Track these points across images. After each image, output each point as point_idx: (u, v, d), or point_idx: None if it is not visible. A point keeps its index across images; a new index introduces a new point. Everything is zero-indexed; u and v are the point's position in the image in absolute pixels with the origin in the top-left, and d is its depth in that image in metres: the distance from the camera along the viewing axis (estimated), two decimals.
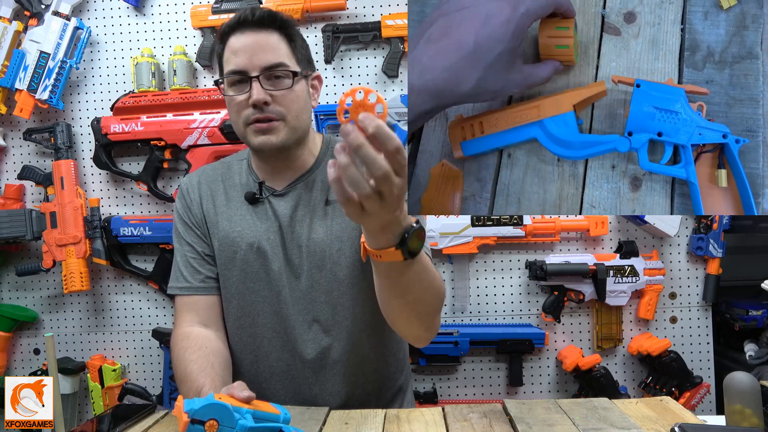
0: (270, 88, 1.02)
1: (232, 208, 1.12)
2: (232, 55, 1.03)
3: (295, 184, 1.11)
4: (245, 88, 1.02)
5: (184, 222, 1.15)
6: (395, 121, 1.64)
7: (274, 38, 1.03)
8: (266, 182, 1.12)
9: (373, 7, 1.67)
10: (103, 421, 0.99)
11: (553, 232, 1.62)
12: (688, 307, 1.67)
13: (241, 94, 1.03)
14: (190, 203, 1.15)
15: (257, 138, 1.04)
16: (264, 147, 1.04)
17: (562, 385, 1.70)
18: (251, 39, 1.02)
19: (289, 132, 1.05)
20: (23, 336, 1.77)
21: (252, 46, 1.02)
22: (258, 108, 1.02)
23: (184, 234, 1.15)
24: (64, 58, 1.62)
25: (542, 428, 0.86)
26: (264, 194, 1.11)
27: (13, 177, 1.71)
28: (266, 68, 1.02)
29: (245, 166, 1.16)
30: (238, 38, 1.03)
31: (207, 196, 1.15)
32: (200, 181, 1.17)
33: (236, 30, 1.03)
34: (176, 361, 1.05)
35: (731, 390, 0.78)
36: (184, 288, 1.12)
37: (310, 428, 0.90)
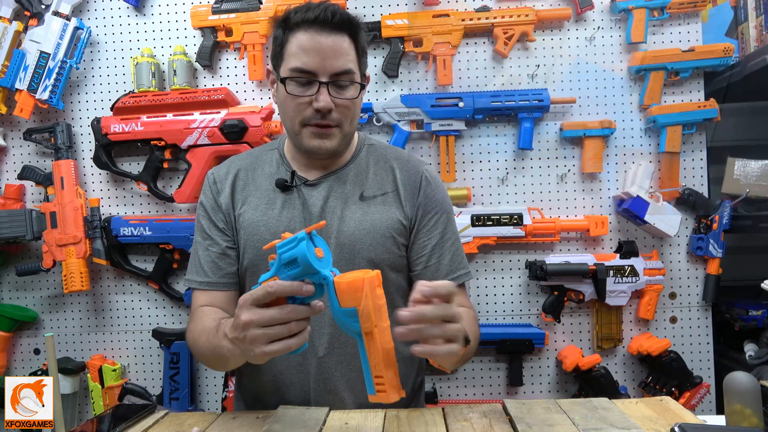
0: (336, 95, 1.02)
1: (259, 197, 1.12)
2: (302, 52, 1.00)
3: (328, 176, 1.11)
4: (310, 89, 1.01)
5: (208, 216, 1.14)
6: (395, 121, 1.64)
7: (346, 43, 1.02)
8: (298, 172, 1.12)
9: (373, 7, 1.67)
10: (103, 421, 0.99)
11: (553, 232, 1.62)
12: (688, 307, 1.67)
13: (306, 96, 1.02)
14: (217, 193, 1.14)
15: (313, 141, 1.04)
16: (319, 151, 1.05)
17: (562, 385, 1.70)
18: (325, 41, 1.00)
19: (342, 138, 1.06)
20: (23, 336, 1.77)
21: (325, 49, 1.00)
22: (320, 113, 1.01)
23: (208, 228, 1.13)
24: (64, 58, 1.62)
25: (542, 428, 0.86)
26: (296, 182, 1.11)
27: (13, 177, 1.71)
28: (336, 74, 1.01)
29: (276, 155, 1.16)
30: (311, 36, 1.00)
31: (238, 184, 1.14)
32: (228, 170, 1.16)
33: (310, 26, 1.00)
34: (198, 336, 1.02)
35: (731, 390, 0.78)
36: (204, 282, 1.11)
37: (310, 428, 0.90)
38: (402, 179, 1.12)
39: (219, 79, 1.70)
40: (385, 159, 1.15)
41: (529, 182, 1.67)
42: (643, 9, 1.58)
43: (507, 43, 1.62)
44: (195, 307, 1.11)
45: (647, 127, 1.65)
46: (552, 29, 1.65)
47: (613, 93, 1.65)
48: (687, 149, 1.64)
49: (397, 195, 1.11)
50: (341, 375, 1.08)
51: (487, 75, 1.67)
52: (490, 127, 1.68)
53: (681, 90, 1.64)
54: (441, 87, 1.66)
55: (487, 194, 1.68)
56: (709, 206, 1.62)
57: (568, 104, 1.64)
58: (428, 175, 1.15)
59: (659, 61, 1.59)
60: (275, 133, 1.61)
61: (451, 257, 1.12)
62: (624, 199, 1.60)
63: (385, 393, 0.74)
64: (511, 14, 1.61)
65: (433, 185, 1.14)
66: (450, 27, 1.61)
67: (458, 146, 1.67)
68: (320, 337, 1.08)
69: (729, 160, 1.61)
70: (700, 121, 1.59)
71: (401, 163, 1.15)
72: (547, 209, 1.67)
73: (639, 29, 1.59)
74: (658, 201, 1.56)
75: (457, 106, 1.62)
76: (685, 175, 1.64)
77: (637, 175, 1.59)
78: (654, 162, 1.64)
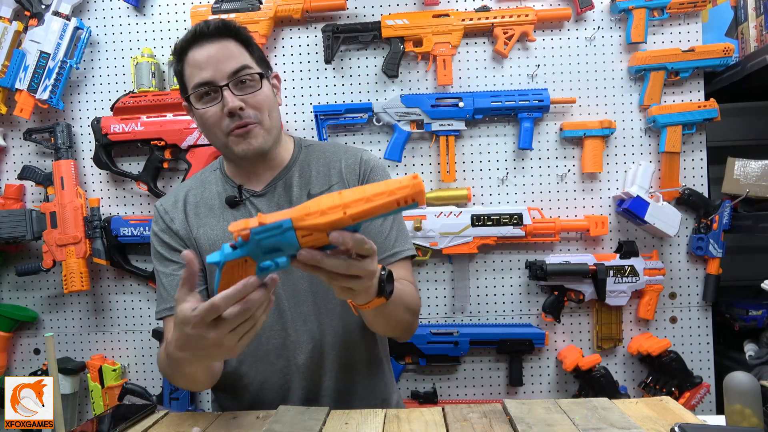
0: (240, 93, 1.04)
1: (214, 217, 1.14)
2: (196, 69, 1.04)
3: (274, 183, 1.13)
4: (216, 99, 1.04)
5: (164, 244, 1.14)
6: (395, 121, 1.64)
7: (232, 45, 1.05)
8: (244, 185, 1.14)
9: (373, 7, 1.67)
10: (103, 421, 0.99)
11: (553, 232, 1.62)
12: (688, 307, 1.67)
13: (213, 106, 1.04)
14: (170, 222, 1.15)
15: (239, 146, 1.06)
16: (247, 153, 1.06)
17: (562, 385, 1.70)
18: (212, 50, 1.03)
19: (266, 133, 1.08)
20: (23, 336, 1.77)
21: (215, 57, 1.03)
22: (234, 116, 1.03)
23: (168, 254, 1.14)
24: (64, 58, 1.62)
25: (542, 428, 0.86)
26: (244, 196, 1.13)
27: (13, 177, 1.71)
28: (233, 73, 1.03)
29: (219, 175, 1.18)
30: (197, 52, 1.04)
31: (190, 209, 1.15)
32: (176, 198, 1.17)
33: (193, 44, 1.04)
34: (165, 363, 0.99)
35: (731, 390, 0.78)
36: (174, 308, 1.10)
37: (310, 428, 0.90)
38: (345, 168, 1.16)
39: None
40: (326, 154, 1.18)
41: (529, 182, 1.67)
42: (643, 9, 1.58)
43: (507, 43, 1.62)
44: (168, 335, 1.08)
45: (647, 127, 1.65)
46: (552, 29, 1.65)
47: (613, 93, 1.65)
48: (687, 149, 1.64)
49: (343, 185, 1.14)
50: (322, 383, 1.11)
51: (487, 75, 1.67)
52: (490, 127, 1.68)
53: (681, 90, 1.64)
54: (441, 87, 1.66)
55: (487, 194, 1.68)
56: (709, 206, 1.62)
57: (568, 104, 1.64)
58: (366, 157, 1.18)
59: (659, 61, 1.59)
60: None
61: (396, 235, 1.14)
62: (624, 199, 1.60)
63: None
64: (511, 14, 1.61)
65: (371, 167, 1.17)
66: (450, 27, 1.61)
67: (458, 146, 1.67)
68: (300, 346, 1.11)
69: (729, 160, 1.61)
70: (700, 121, 1.59)
71: (342, 154, 1.18)
72: (547, 209, 1.67)
73: (639, 29, 1.59)
74: (658, 201, 1.56)
75: (457, 106, 1.62)
76: (685, 175, 1.64)
77: (637, 175, 1.59)
78: (654, 162, 1.64)
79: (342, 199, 0.70)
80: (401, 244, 1.14)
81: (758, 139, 1.73)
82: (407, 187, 0.68)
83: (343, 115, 1.64)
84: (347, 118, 1.64)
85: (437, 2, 1.64)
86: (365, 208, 0.69)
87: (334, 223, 0.70)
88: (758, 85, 1.64)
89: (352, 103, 1.67)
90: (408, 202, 0.68)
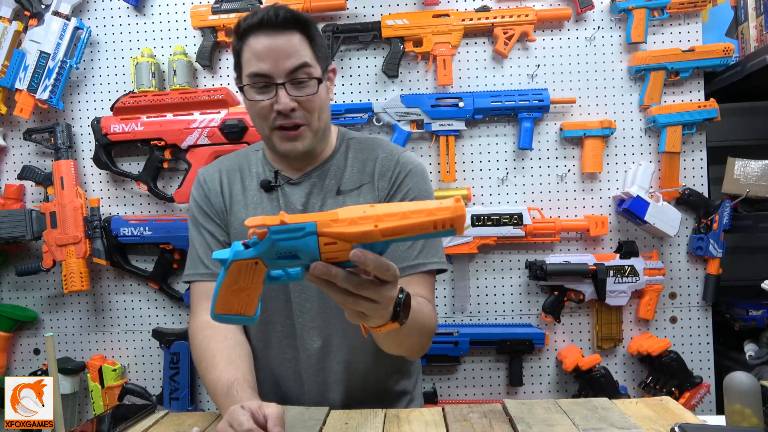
0: (295, 94, 1.02)
1: (248, 196, 1.13)
2: (255, 58, 1.01)
3: (310, 174, 1.12)
4: (270, 92, 1.02)
5: (202, 210, 1.15)
6: (395, 121, 1.64)
7: (296, 39, 1.02)
8: (282, 171, 1.13)
9: (373, 7, 1.67)
10: (103, 421, 0.99)
11: (553, 232, 1.62)
12: (688, 307, 1.67)
13: (266, 100, 1.02)
14: (208, 192, 1.15)
15: (284, 145, 1.05)
16: (291, 154, 1.06)
17: (562, 385, 1.70)
18: (275, 42, 1.00)
19: (313, 135, 1.06)
20: (23, 336, 1.77)
21: (276, 51, 1.00)
22: (284, 115, 1.02)
23: (203, 221, 1.14)
24: (64, 58, 1.62)
25: (542, 428, 0.86)
26: (279, 182, 1.12)
27: (13, 177, 1.71)
28: (291, 71, 1.01)
29: (261, 156, 1.17)
30: (260, 40, 1.01)
31: (225, 185, 1.15)
32: (219, 170, 1.17)
33: (257, 30, 1.01)
34: (200, 350, 1.04)
35: (731, 390, 0.78)
36: (205, 274, 1.11)
37: (310, 428, 0.90)
38: (378, 167, 1.12)
39: (219, 79, 1.70)
40: (365, 150, 1.15)
41: (529, 182, 1.67)
42: (643, 9, 1.58)
43: (507, 43, 1.62)
44: (196, 301, 1.12)
45: (647, 127, 1.65)
46: (552, 29, 1.65)
47: (613, 93, 1.65)
48: (687, 149, 1.64)
49: (373, 186, 1.11)
50: (331, 368, 1.11)
51: (487, 75, 1.67)
52: (490, 127, 1.67)
53: (681, 90, 1.64)
54: (441, 87, 1.66)
55: (487, 194, 1.68)
56: (709, 206, 1.62)
57: (568, 104, 1.64)
58: (404, 159, 1.13)
59: (659, 61, 1.59)
60: None
61: (423, 244, 1.08)
62: (624, 199, 1.60)
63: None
64: (511, 14, 1.61)
65: (407, 170, 1.11)
66: (450, 27, 1.61)
67: (458, 146, 1.67)
68: (312, 331, 1.10)
69: (729, 160, 1.61)
70: (700, 121, 1.59)
71: (380, 152, 1.14)
72: (547, 209, 1.67)
73: (639, 29, 1.59)
74: (658, 201, 1.56)
75: (457, 106, 1.62)
76: (685, 175, 1.64)
77: (637, 175, 1.59)
78: (654, 162, 1.64)
79: (375, 211, 0.65)
80: (426, 256, 1.07)
81: (758, 139, 1.73)
82: (447, 209, 0.63)
83: (343, 115, 1.64)
84: (347, 118, 1.64)
85: (437, 2, 1.64)
86: (399, 224, 0.64)
87: (363, 235, 0.64)
88: (758, 85, 1.64)
89: (352, 103, 1.67)
90: (445, 227, 0.64)
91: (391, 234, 0.64)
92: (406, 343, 0.97)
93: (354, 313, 0.73)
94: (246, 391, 0.93)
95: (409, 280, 1.05)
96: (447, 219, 0.63)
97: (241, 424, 0.79)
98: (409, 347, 1.00)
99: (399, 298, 0.77)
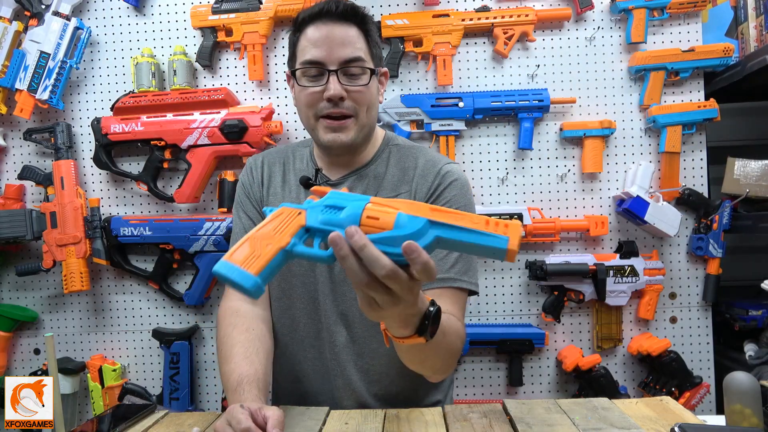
0: (347, 83, 1.02)
1: (286, 190, 1.14)
2: (311, 45, 1.01)
3: (349, 176, 1.12)
4: (321, 80, 1.02)
5: (246, 195, 1.17)
6: (395, 121, 1.64)
7: (353, 32, 1.02)
8: (323, 171, 1.13)
9: (373, 7, 1.67)
10: (103, 421, 0.99)
11: (553, 232, 1.62)
12: (688, 307, 1.67)
13: (317, 86, 1.02)
14: (252, 181, 1.17)
15: (327, 135, 1.04)
16: (333, 144, 1.05)
17: (562, 385, 1.70)
18: (332, 31, 1.01)
19: (359, 130, 1.05)
20: (23, 336, 1.77)
21: (332, 39, 1.00)
22: (332, 102, 1.01)
23: (245, 205, 1.16)
24: (64, 58, 1.62)
25: (542, 428, 0.86)
26: (318, 181, 1.12)
27: (13, 177, 1.71)
28: (345, 62, 1.01)
29: (308, 153, 1.17)
30: (318, 28, 1.01)
31: (267, 176, 1.17)
32: (264, 161, 1.19)
33: (316, 20, 1.02)
34: (222, 336, 1.05)
35: (731, 390, 0.78)
36: None
37: (310, 428, 0.90)
38: (419, 176, 1.10)
39: (219, 79, 1.70)
40: (406, 159, 1.13)
41: (529, 182, 1.67)
42: (643, 9, 1.58)
43: (507, 43, 1.62)
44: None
45: (647, 127, 1.65)
46: (552, 29, 1.65)
47: (613, 93, 1.65)
48: (687, 149, 1.64)
49: (410, 195, 1.09)
50: (354, 364, 1.10)
51: (487, 75, 1.67)
52: (490, 127, 1.68)
53: (681, 90, 1.64)
54: (441, 87, 1.66)
55: (487, 194, 1.68)
56: (709, 206, 1.62)
57: (568, 104, 1.64)
58: (446, 170, 1.09)
59: (659, 61, 1.59)
60: (275, 133, 1.61)
61: (458, 260, 1.04)
62: (624, 199, 1.60)
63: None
64: (511, 14, 1.61)
65: (449, 181, 1.08)
66: (450, 27, 1.61)
67: (458, 146, 1.67)
68: (336, 327, 1.10)
69: (729, 160, 1.61)
70: (700, 121, 1.59)
71: (422, 161, 1.12)
72: (547, 209, 1.67)
73: (639, 29, 1.59)
74: (658, 201, 1.56)
75: (457, 106, 1.62)
76: (685, 175, 1.64)
77: (637, 175, 1.59)
78: (654, 162, 1.64)
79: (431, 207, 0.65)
80: (460, 272, 1.03)
81: (758, 139, 1.73)
82: (503, 226, 0.62)
83: None
84: None
85: (437, 2, 1.64)
86: (451, 219, 0.63)
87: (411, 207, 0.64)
88: (758, 85, 1.64)
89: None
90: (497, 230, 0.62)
91: (442, 219, 0.63)
92: (430, 362, 0.92)
93: (367, 300, 0.68)
94: (252, 390, 0.93)
95: (440, 293, 0.99)
96: (502, 222, 0.61)
97: (239, 423, 0.79)
98: (432, 366, 0.94)
99: (429, 311, 0.74)
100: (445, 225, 0.63)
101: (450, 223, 0.63)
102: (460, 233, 0.63)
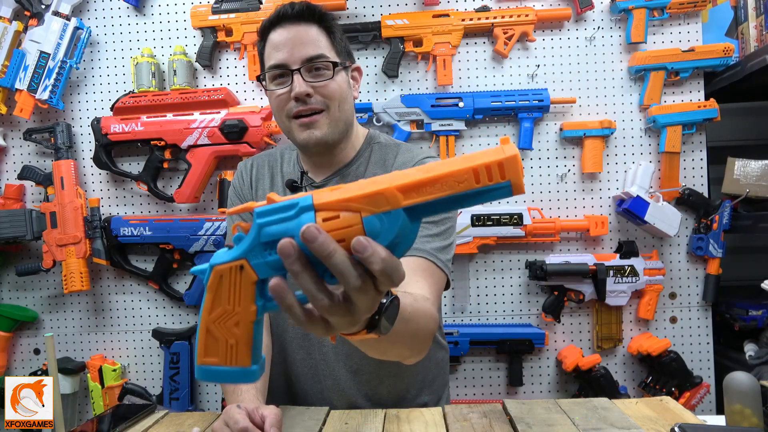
0: (311, 80, 1.02)
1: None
2: (273, 50, 1.03)
3: (332, 177, 1.12)
4: (287, 82, 1.03)
5: (237, 197, 1.19)
6: (395, 121, 1.64)
7: (313, 31, 1.03)
8: (308, 173, 1.14)
9: (373, 7, 1.67)
10: (103, 421, 0.99)
11: (553, 232, 1.62)
12: (688, 307, 1.67)
13: (284, 88, 1.03)
14: (242, 184, 1.19)
15: (302, 133, 1.05)
16: (309, 142, 1.05)
17: (562, 385, 1.70)
18: (291, 33, 1.02)
19: (332, 124, 1.05)
20: (23, 336, 1.77)
21: (292, 40, 1.02)
22: (300, 101, 1.02)
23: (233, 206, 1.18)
24: (64, 58, 1.62)
25: (542, 428, 0.86)
26: (304, 183, 1.12)
27: (13, 177, 1.71)
28: (307, 60, 1.02)
29: (295, 156, 1.18)
30: (278, 33, 1.03)
31: (255, 179, 1.18)
32: (253, 164, 1.21)
33: (276, 25, 1.04)
34: None
35: (731, 390, 0.78)
36: None
37: (310, 428, 0.90)
38: (396, 168, 1.09)
39: (219, 79, 1.70)
40: (387, 156, 1.14)
41: (529, 182, 1.67)
42: (643, 9, 1.58)
43: (507, 43, 1.62)
44: None
45: (647, 127, 1.65)
46: (552, 29, 1.65)
47: (613, 93, 1.65)
48: (687, 149, 1.64)
49: None
50: (344, 365, 1.10)
51: (487, 75, 1.67)
52: (490, 127, 1.68)
53: (681, 90, 1.64)
54: (441, 87, 1.66)
55: None
56: (709, 206, 1.62)
57: (568, 104, 1.64)
58: (422, 157, 1.10)
59: (659, 61, 1.59)
60: (275, 133, 1.61)
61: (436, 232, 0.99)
62: (624, 199, 1.60)
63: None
64: (511, 14, 1.61)
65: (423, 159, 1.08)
66: (450, 27, 1.61)
67: (458, 146, 1.67)
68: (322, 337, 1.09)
69: (729, 160, 1.61)
70: (700, 121, 1.59)
71: (400, 155, 1.13)
72: (547, 209, 1.67)
73: (639, 29, 1.59)
74: (658, 201, 1.56)
75: (457, 106, 1.62)
76: (685, 175, 1.64)
77: (637, 175, 1.59)
78: (654, 162, 1.64)
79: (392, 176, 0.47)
80: (438, 251, 0.96)
81: (758, 139, 1.73)
82: (493, 152, 0.44)
83: None
84: None
85: (437, 2, 1.64)
86: (422, 177, 0.46)
87: (372, 197, 0.46)
88: (758, 85, 1.64)
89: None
90: (492, 179, 0.44)
91: (414, 193, 0.45)
92: (394, 351, 0.79)
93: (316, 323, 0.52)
94: (250, 391, 0.93)
95: (414, 266, 0.91)
96: (493, 164, 0.44)
97: (236, 422, 0.79)
98: (398, 355, 0.82)
99: (381, 303, 0.58)
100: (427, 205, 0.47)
101: (431, 199, 0.46)
102: (446, 205, 0.47)
